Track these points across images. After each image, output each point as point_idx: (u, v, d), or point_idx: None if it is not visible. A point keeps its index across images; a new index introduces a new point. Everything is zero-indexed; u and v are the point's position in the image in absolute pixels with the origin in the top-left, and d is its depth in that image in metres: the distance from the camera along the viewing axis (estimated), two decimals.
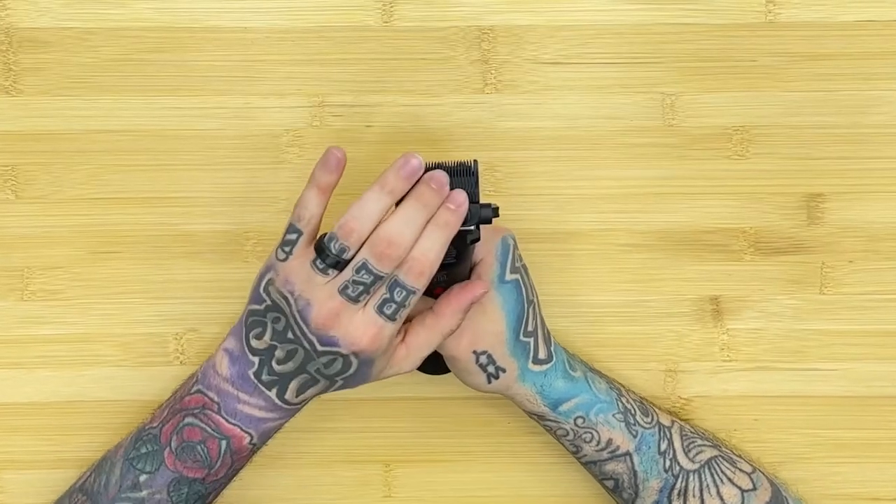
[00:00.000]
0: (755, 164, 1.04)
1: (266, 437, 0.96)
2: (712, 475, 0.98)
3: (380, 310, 0.90)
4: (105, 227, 1.04)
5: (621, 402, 0.99)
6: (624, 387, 1.02)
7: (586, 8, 1.03)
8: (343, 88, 1.04)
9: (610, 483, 0.99)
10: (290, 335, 0.91)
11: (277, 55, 1.03)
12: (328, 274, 0.90)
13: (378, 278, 0.89)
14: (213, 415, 0.94)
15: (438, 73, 1.04)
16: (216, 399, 0.94)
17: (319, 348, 0.91)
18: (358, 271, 0.89)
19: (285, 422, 0.96)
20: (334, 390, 0.94)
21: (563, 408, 0.98)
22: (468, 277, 0.96)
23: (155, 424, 0.96)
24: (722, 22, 1.03)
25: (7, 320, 1.05)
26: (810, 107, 1.04)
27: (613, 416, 0.98)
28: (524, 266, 0.97)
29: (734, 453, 1.01)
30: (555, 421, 0.98)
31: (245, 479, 1.04)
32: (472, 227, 0.91)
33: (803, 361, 1.05)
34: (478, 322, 0.95)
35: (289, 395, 0.93)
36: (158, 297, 1.05)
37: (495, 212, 0.92)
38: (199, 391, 0.95)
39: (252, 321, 0.93)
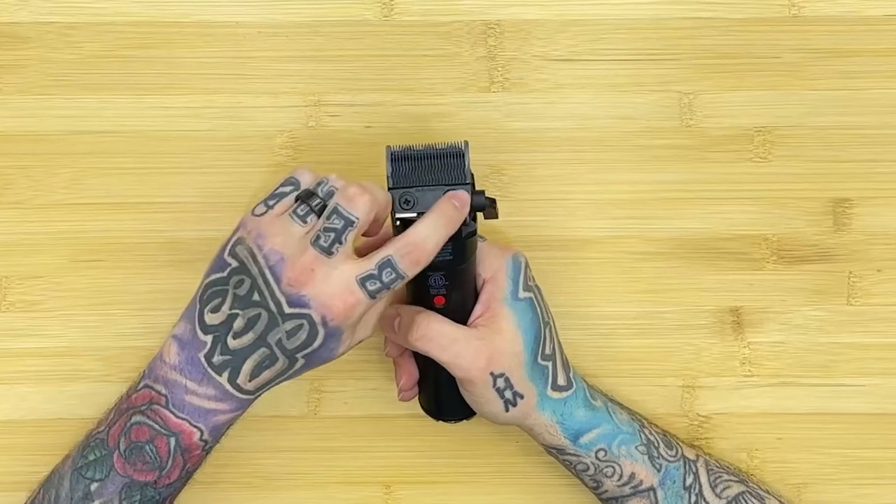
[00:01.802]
0: (778, 166, 1.04)
1: (218, 432, 0.92)
2: None
3: (362, 283, 0.88)
4: (88, 233, 1.04)
5: (644, 433, 0.98)
6: (646, 419, 1.01)
7: (598, 2, 1.03)
8: (340, 87, 1.04)
9: None
10: (255, 297, 0.88)
11: (271, 51, 1.03)
12: (307, 222, 0.88)
13: (350, 223, 0.88)
14: (161, 409, 0.91)
15: (442, 70, 1.04)
16: (164, 392, 0.91)
17: (287, 310, 0.87)
18: (329, 217, 0.88)
19: (237, 416, 0.92)
20: (292, 374, 0.91)
21: (584, 439, 0.97)
22: (473, 288, 0.95)
23: (102, 429, 0.93)
24: (743, 16, 1.03)
25: None
26: (836, 106, 1.04)
27: (636, 448, 0.97)
28: (537, 287, 0.96)
29: (762, 488, 1.00)
30: (575, 454, 0.97)
31: (235, 501, 1.05)
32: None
33: (829, 376, 1.05)
34: (494, 342, 0.93)
35: (241, 379, 0.89)
36: (144, 309, 1.04)
37: (492, 203, 0.92)
38: (146, 386, 0.92)
39: (210, 293, 0.90)
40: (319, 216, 0.88)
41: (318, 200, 0.88)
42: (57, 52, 1.03)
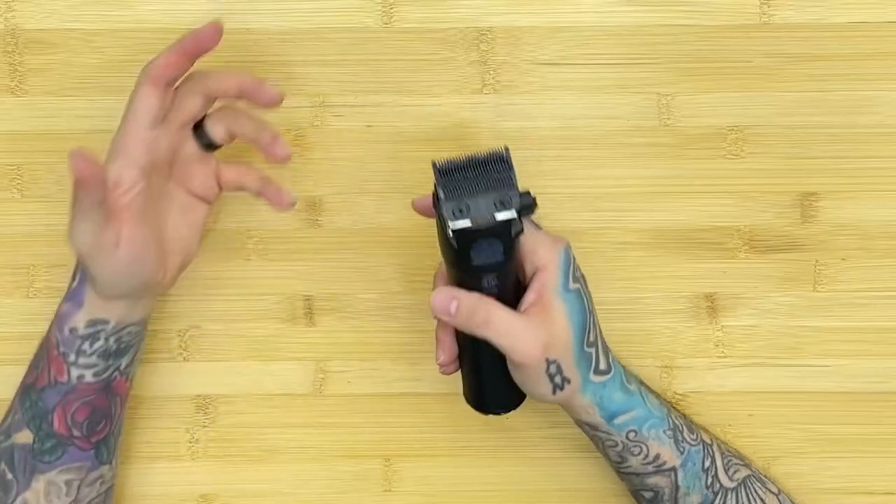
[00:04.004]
0: (750, 163, 1.04)
1: (62, 330, 0.95)
2: (747, 495, 0.98)
3: None
4: None
5: (671, 418, 0.98)
6: (671, 404, 1.01)
7: (584, 9, 1.03)
8: (344, 89, 1.03)
9: (648, 494, 0.99)
10: None
11: (279, 56, 1.03)
12: None
13: None
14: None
15: (437, 73, 1.03)
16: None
17: None
18: None
19: (78, 316, 0.95)
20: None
21: (618, 421, 0.96)
22: (518, 278, 0.94)
23: None
24: (717, 23, 1.03)
25: (12, 317, 1.04)
26: (805, 107, 1.03)
27: (664, 431, 0.97)
28: (583, 276, 0.95)
29: (761, 473, 1.01)
30: (607, 433, 0.97)
31: (244, 473, 1.05)
32: (514, 217, 0.89)
33: (797, 358, 1.05)
34: (550, 331, 0.92)
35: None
36: (162, 295, 1.03)
37: (534, 202, 0.90)
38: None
39: None
40: None
41: None
42: (81, 56, 1.02)
